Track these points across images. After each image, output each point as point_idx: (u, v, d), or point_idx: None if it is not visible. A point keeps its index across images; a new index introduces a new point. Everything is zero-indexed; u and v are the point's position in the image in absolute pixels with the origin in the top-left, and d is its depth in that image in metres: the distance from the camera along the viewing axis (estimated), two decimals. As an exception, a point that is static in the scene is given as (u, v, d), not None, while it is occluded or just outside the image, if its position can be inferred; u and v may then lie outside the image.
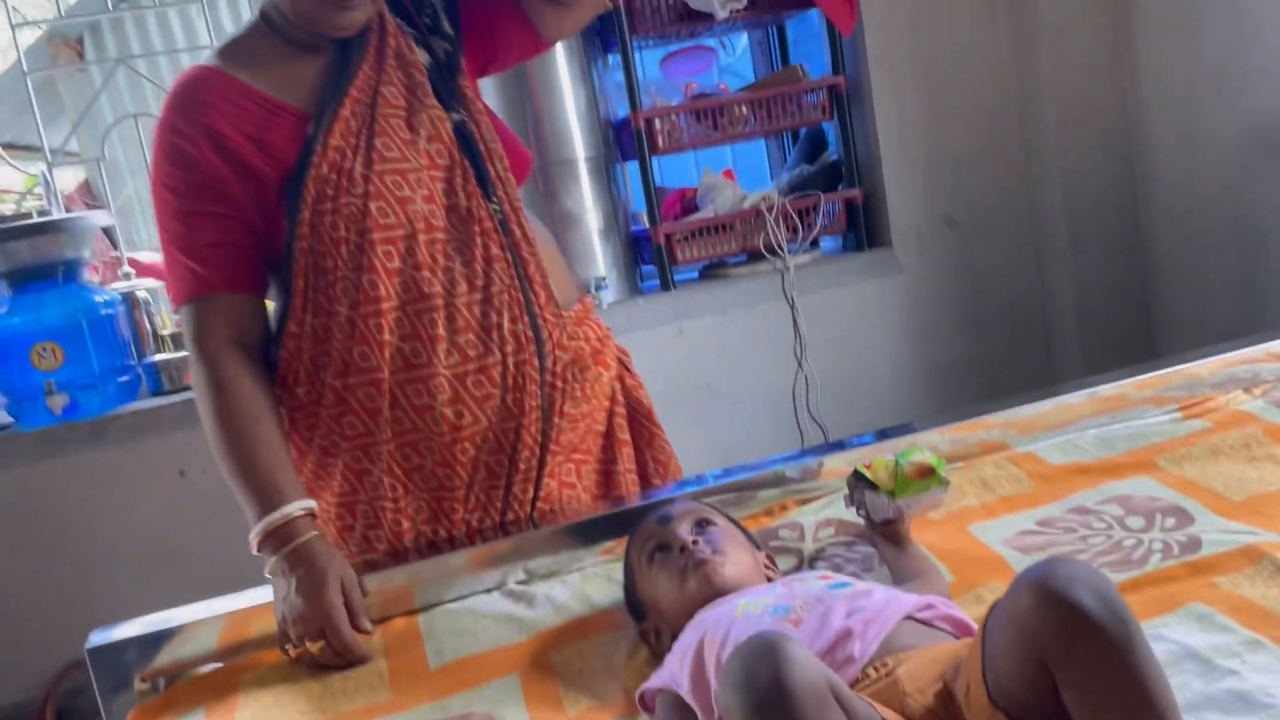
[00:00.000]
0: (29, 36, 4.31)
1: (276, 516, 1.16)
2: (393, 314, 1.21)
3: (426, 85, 1.28)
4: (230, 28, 4.99)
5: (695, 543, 1.02)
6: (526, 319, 1.26)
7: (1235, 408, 1.38)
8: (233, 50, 1.29)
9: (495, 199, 1.27)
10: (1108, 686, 0.69)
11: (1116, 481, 1.23)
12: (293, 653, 1.10)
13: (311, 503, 1.19)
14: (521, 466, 1.28)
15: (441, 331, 1.22)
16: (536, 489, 1.30)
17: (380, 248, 1.20)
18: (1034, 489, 1.24)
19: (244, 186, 1.21)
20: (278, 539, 1.15)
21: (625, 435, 1.41)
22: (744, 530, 1.12)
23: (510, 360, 1.25)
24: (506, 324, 1.24)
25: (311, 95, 1.24)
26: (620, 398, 1.41)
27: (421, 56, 1.30)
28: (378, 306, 1.20)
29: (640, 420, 1.44)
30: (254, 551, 1.18)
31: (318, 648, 1.08)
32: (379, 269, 1.20)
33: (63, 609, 2.10)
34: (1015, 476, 1.28)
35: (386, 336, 1.21)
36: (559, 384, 1.29)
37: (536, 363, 1.26)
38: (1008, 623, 0.73)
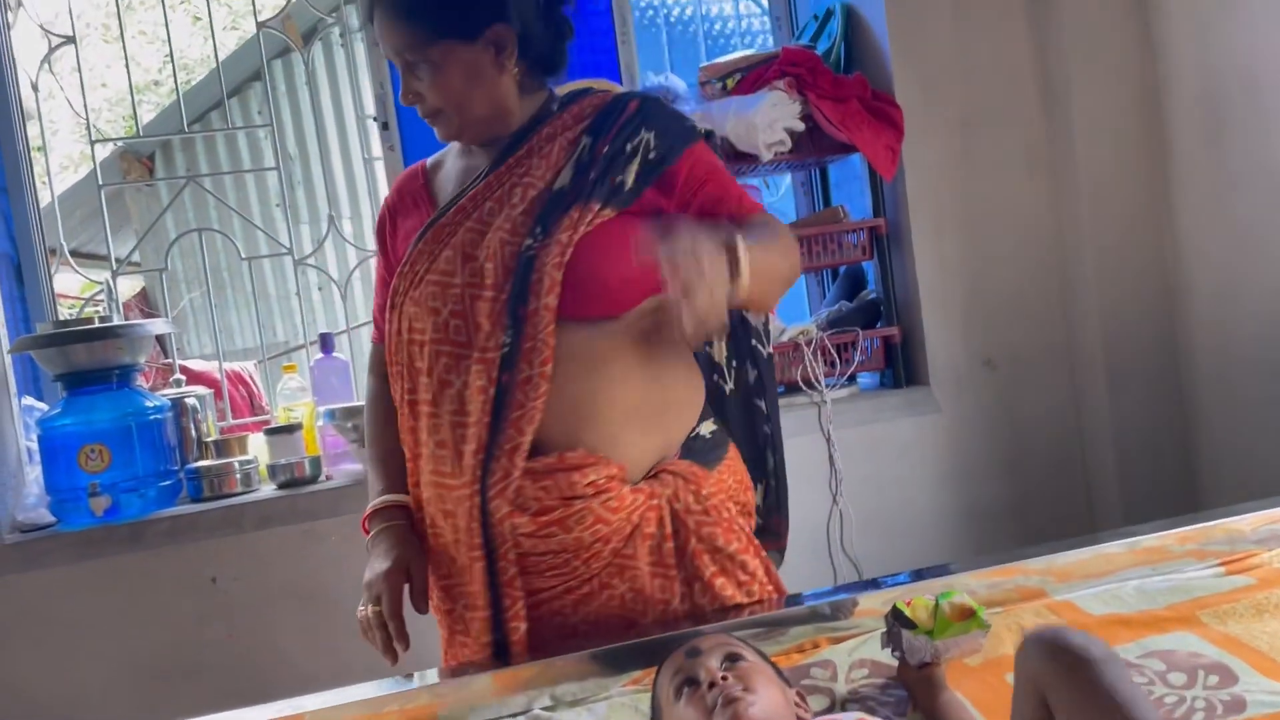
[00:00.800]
0: (103, 150, 4.53)
1: (376, 502, 1.41)
2: (406, 408, 1.36)
3: (520, 209, 1.30)
4: (294, 150, 5.23)
5: (725, 678, 1.01)
6: (482, 455, 1.27)
7: (1279, 565, 1.35)
8: (445, 148, 1.48)
9: (512, 330, 1.26)
10: (1094, 707, 0.82)
11: (1158, 636, 1.21)
12: (358, 614, 1.33)
13: (404, 496, 1.40)
14: (479, 596, 1.29)
15: (425, 437, 1.33)
16: (497, 621, 1.28)
17: (411, 349, 1.34)
18: (1073, 639, 1.22)
19: (390, 264, 1.44)
20: (373, 520, 1.41)
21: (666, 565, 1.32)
22: (775, 666, 1.11)
23: (467, 490, 1.28)
24: (469, 454, 1.28)
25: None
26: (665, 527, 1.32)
27: (565, 176, 1.30)
28: (402, 397, 1.37)
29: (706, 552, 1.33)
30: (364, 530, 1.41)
31: (374, 612, 1.31)
32: (408, 367, 1.35)
33: (90, 709, 2.09)
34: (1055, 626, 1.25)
35: (407, 424, 1.37)
36: (506, 523, 1.27)
37: (478, 500, 1.27)
38: (1016, 683, 0.81)
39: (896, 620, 1.10)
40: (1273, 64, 2.23)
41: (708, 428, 1.40)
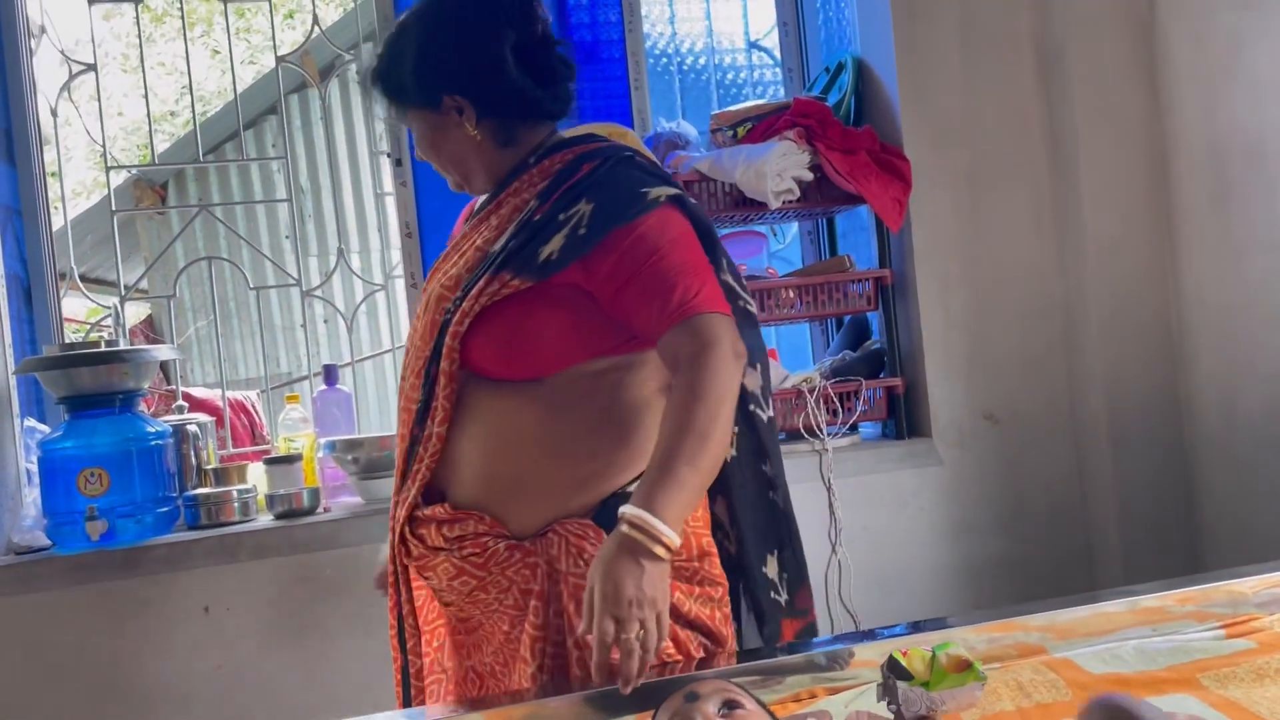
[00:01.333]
0: (117, 178, 4.57)
1: None
2: None
3: (460, 267, 1.36)
4: (306, 183, 5.29)
5: None
6: (396, 498, 1.39)
7: (1281, 630, 1.34)
8: None
9: (425, 388, 1.33)
10: None
11: (1157, 697, 1.19)
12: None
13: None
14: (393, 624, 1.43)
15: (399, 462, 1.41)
16: (402, 643, 1.40)
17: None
18: (1072, 698, 1.21)
19: None
20: None
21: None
22: (772, 715, 1.10)
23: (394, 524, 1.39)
24: (395, 495, 1.41)
25: None
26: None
27: (505, 238, 1.32)
28: None
29: None
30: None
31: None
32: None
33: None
34: (1053, 683, 1.24)
35: None
36: (402, 563, 1.39)
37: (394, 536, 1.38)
38: None
39: (892, 671, 1.09)
40: (1278, 130, 2.26)
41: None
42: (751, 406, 1.46)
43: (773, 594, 1.45)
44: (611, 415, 1.33)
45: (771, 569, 1.46)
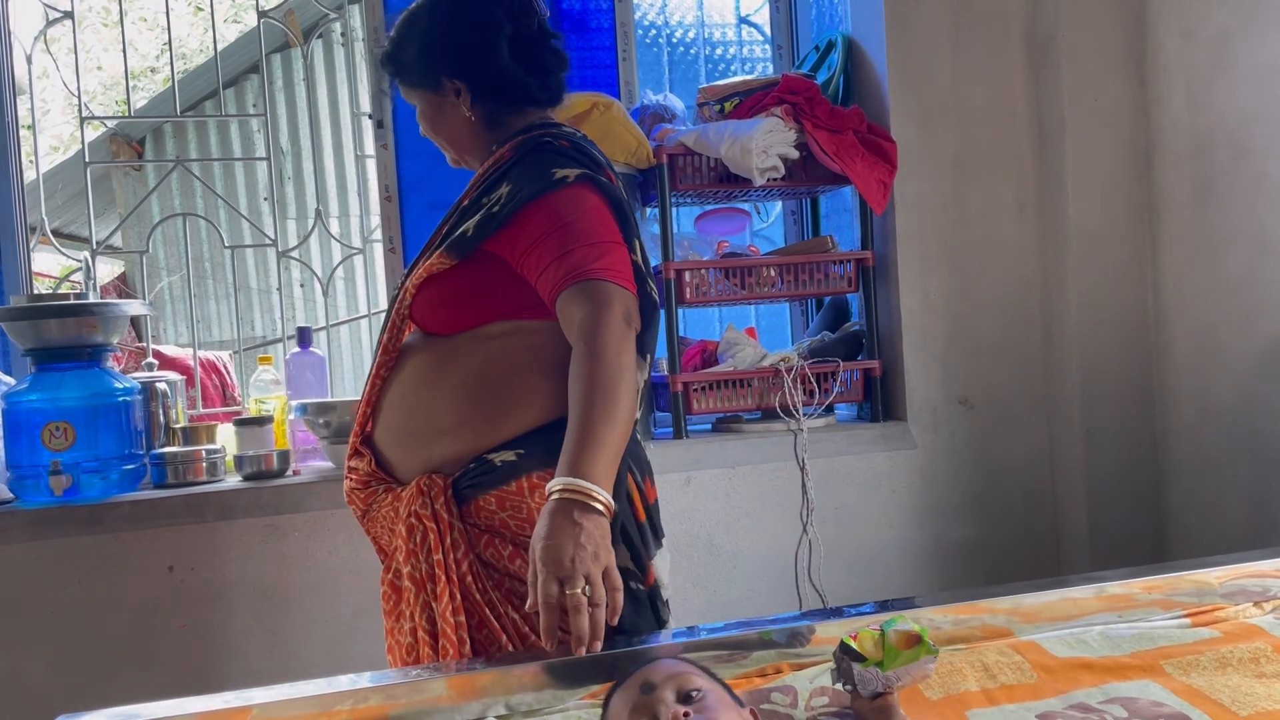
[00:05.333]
0: (93, 133, 4.49)
1: None
2: None
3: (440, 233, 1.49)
4: (286, 144, 5.22)
5: (687, 715, 0.98)
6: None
7: (1245, 620, 1.35)
8: None
9: (382, 338, 1.48)
10: None
11: (1121, 682, 1.20)
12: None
13: None
14: None
15: None
16: None
17: None
18: (1037, 680, 1.21)
19: None
20: None
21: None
22: (730, 691, 1.09)
23: None
24: None
25: None
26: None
27: (454, 220, 1.47)
28: None
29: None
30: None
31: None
32: None
33: (30, 693, 2.05)
34: (1018, 665, 1.24)
35: None
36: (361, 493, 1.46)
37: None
38: None
39: (845, 654, 1.08)
40: (1262, 127, 2.26)
41: (504, 458, 1.35)
42: None
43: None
44: (485, 377, 1.39)
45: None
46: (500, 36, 1.46)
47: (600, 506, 1.15)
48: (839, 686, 1.11)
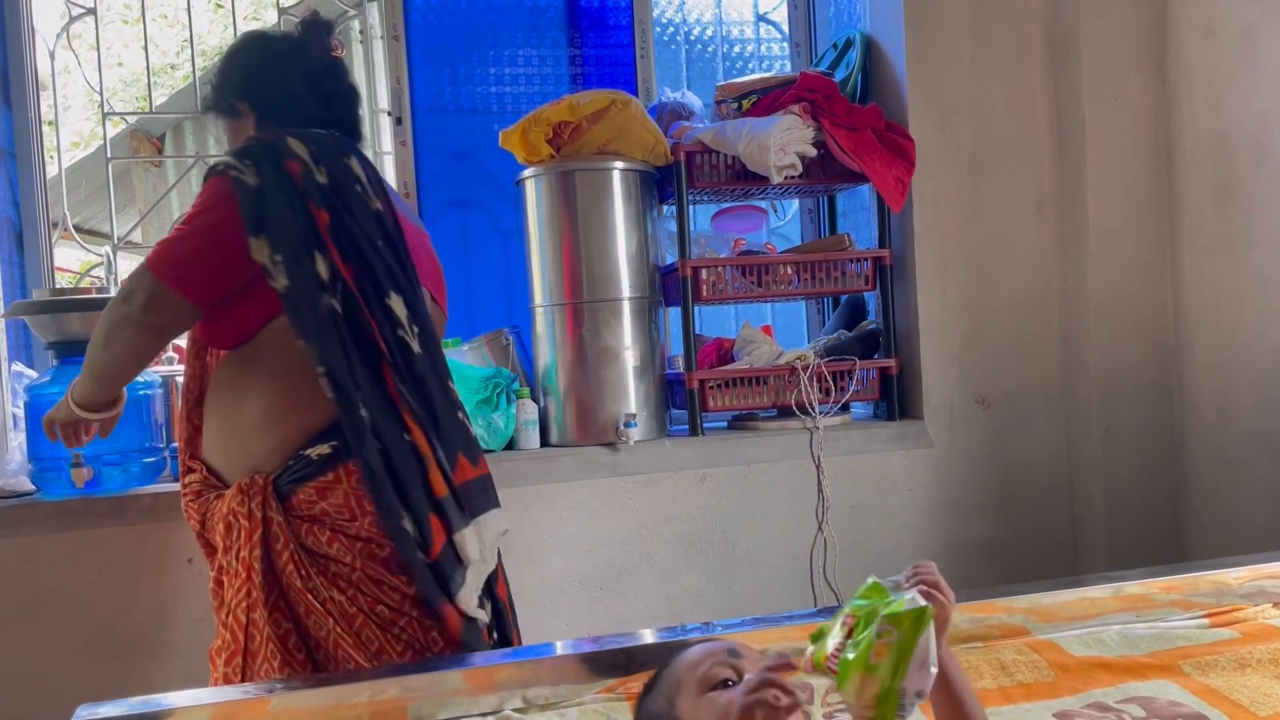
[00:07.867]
0: (114, 129, 4.51)
1: None
2: None
3: None
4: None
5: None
6: None
7: (1264, 621, 1.35)
8: None
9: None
10: None
11: (1139, 682, 1.20)
12: None
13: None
14: None
15: None
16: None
17: None
18: (1054, 679, 1.21)
19: None
20: None
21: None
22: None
23: None
24: None
25: None
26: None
27: None
28: None
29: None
30: None
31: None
32: None
33: (51, 682, 2.06)
34: (1035, 664, 1.24)
35: None
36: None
37: None
38: None
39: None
40: (1286, 124, 2.25)
41: (319, 451, 1.51)
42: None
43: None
44: (289, 370, 1.54)
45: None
46: (283, 67, 1.78)
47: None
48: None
